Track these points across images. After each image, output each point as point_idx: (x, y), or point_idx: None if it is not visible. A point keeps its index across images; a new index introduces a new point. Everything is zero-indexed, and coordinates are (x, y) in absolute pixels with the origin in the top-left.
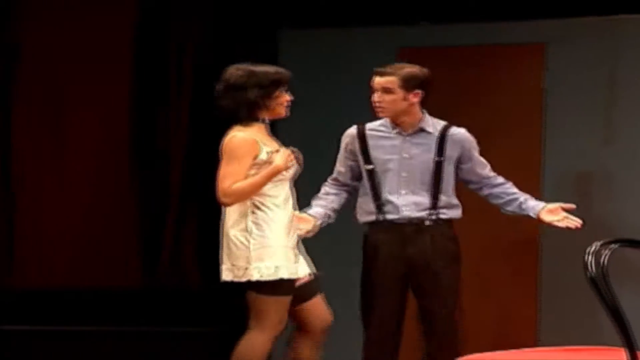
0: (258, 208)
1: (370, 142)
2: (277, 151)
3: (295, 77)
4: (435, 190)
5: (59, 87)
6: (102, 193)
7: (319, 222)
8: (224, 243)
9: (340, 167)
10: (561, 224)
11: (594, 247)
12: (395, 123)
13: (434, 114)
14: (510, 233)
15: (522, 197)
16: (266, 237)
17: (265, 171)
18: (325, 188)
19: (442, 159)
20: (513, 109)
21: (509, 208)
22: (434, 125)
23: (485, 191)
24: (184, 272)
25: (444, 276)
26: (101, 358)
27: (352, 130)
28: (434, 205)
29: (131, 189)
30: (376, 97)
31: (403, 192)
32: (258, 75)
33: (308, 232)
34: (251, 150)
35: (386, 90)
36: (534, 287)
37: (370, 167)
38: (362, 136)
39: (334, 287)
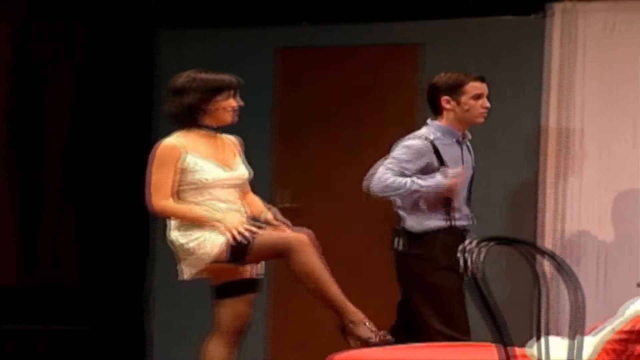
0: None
1: (442, 151)
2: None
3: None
4: (470, 195)
5: None
6: None
7: None
8: None
9: (408, 165)
10: None
11: (467, 246)
12: (464, 130)
13: (315, 113)
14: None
15: None
16: (189, 245)
17: (206, 217)
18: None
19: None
20: (389, 109)
21: None
22: None
23: None
24: (62, 269)
25: None
26: None
27: (422, 142)
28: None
29: (8, 185)
30: (487, 102)
31: (464, 198)
32: (199, 80)
33: None
34: (171, 157)
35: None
36: None
37: None
38: (433, 147)
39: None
